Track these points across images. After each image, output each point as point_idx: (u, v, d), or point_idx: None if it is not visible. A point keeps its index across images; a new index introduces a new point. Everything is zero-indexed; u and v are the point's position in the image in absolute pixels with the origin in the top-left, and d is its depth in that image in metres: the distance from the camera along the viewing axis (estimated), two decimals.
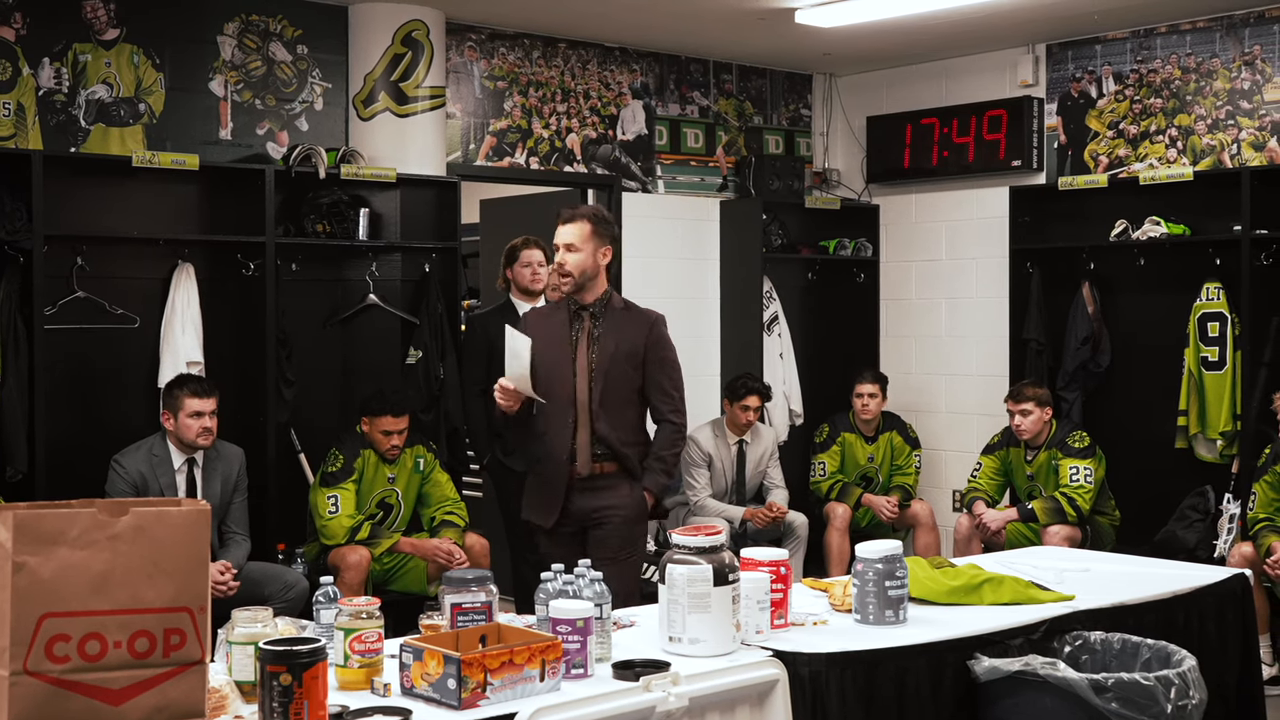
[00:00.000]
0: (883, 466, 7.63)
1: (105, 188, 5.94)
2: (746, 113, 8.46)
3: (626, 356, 4.68)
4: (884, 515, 7.38)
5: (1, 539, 2.22)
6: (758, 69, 8.50)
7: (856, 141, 8.63)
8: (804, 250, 8.43)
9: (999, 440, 7.05)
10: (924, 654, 3.40)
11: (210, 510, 2.38)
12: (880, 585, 3.56)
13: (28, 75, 5.91)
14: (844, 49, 7.94)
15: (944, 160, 8.12)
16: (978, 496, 6.94)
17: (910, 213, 8.44)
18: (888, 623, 3.56)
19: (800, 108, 8.75)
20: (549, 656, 2.92)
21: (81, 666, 2.23)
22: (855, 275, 8.56)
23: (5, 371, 5.48)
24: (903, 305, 8.48)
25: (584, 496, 4.71)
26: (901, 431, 7.71)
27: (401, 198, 6.83)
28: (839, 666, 3.24)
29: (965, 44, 7.81)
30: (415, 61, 6.72)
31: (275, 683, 2.57)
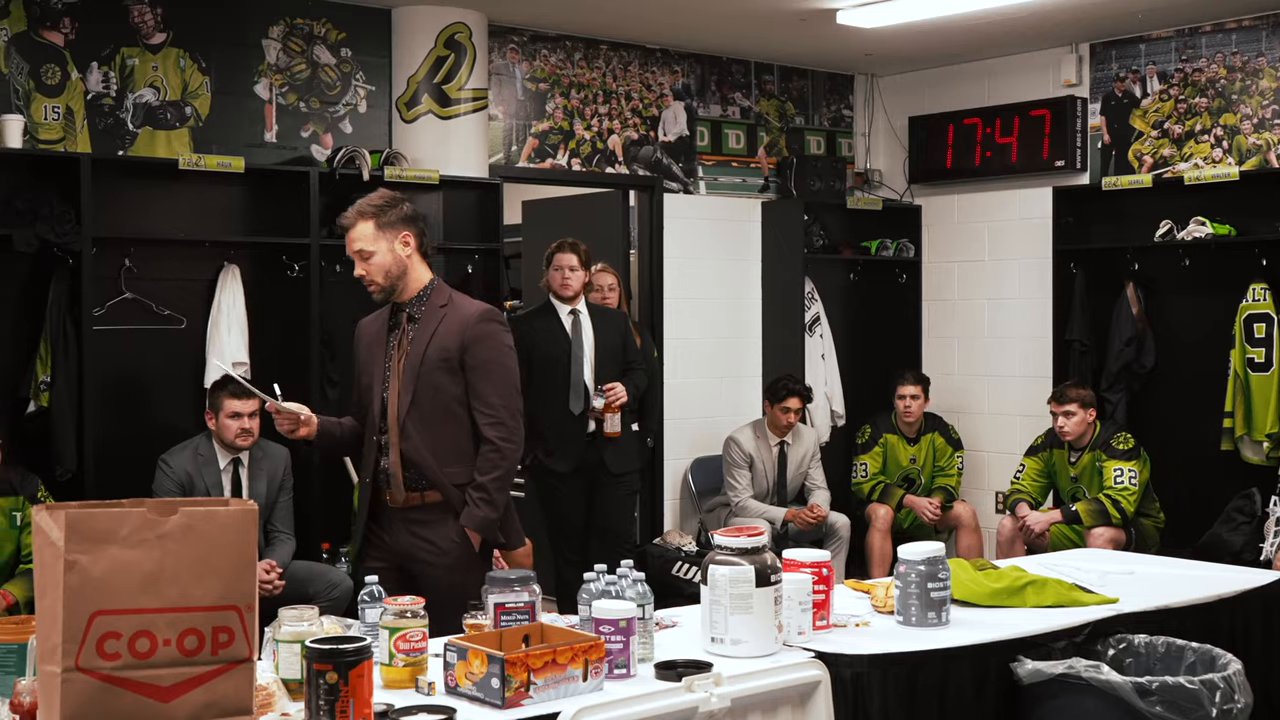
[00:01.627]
0: (925, 468, 7.61)
1: (152, 190, 6.01)
2: (788, 113, 8.45)
3: (440, 360, 3.97)
4: (926, 517, 7.36)
5: (54, 538, 2.25)
6: (799, 69, 8.49)
7: (898, 142, 8.60)
8: (845, 251, 8.41)
9: (1042, 442, 7.01)
10: (967, 656, 3.39)
11: (257, 510, 2.40)
12: (923, 587, 3.55)
13: (76, 79, 5.97)
14: (886, 49, 7.92)
15: (987, 160, 8.09)
16: (1021, 498, 6.91)
17: (952, 213, 8.41)
18: (930, 624, 3.55)
19: (842, 108, 8.73)
20: (592, 656, 2.93)
21: (132, 664, 2.26)
22: (897, 276, 8.54)
23: (55, 372, 5.54)
24: (945, 306, 8.45)
25: (402, 532, 4.03)
26: (944, 433, 7.69)
27: (444, 199, 6.86)
28: (881, 668, 3.24)
29: (1008, 44, 7.77)
30: (458, 64, 6.76)
31: (321, 681, 2.60)
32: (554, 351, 6.21)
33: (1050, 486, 7.06)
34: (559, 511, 6.28)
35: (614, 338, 6.33)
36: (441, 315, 4.03)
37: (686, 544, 7.22)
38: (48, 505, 2.30)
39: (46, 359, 5.57)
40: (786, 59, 8.34)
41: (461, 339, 3.98)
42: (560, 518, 6.29)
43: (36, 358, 5.59)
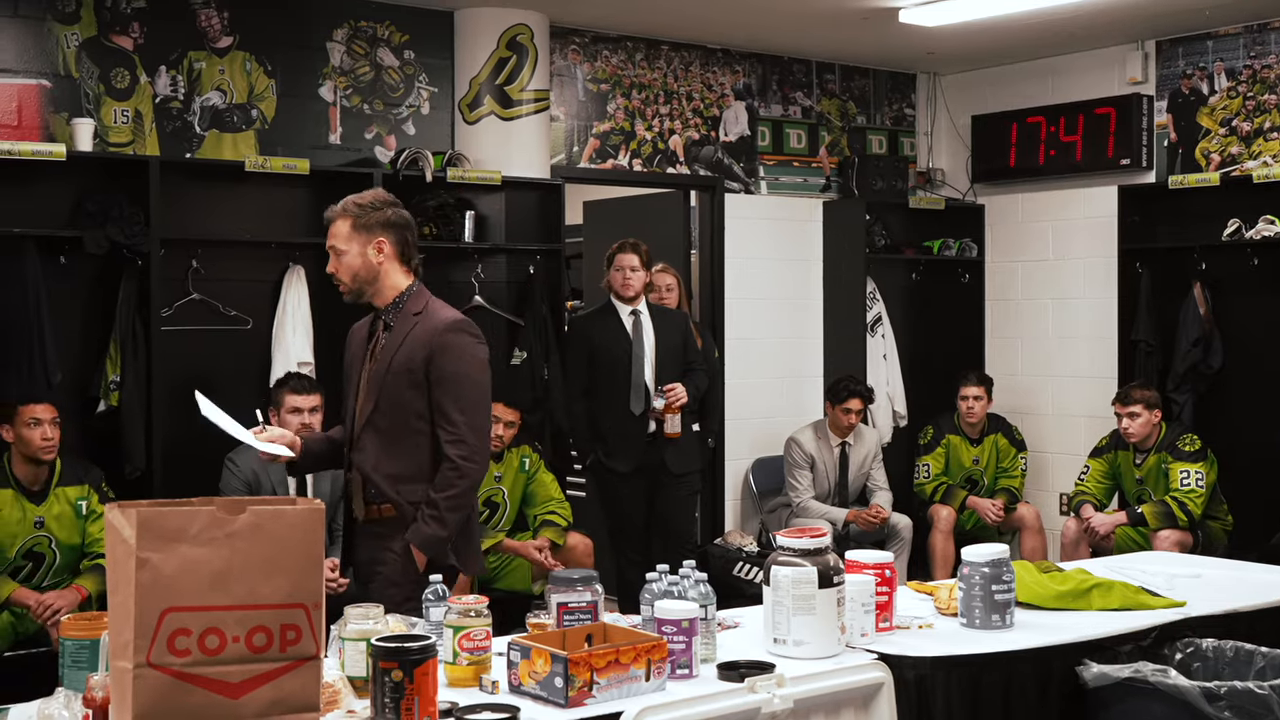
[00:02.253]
0: (988, 469, 7.55)
1: (219, 192, 6.08)
2: (849, 113, 8.42)
3: (405, 371, 3.81)
4: (989, 518, 7.31)
5: (126, 535, 2.28)
6: (860, 69, 8.45)
7: (961, 141, 8.55)
8: (908, 251, 8.37)
9: (1107, 443, 6.94)
10: (1031, 659, 3.37)
11: (324, 509, 2.43)
12: (987, 589, 3.53)
13: (145, 83, 6.06)
14: (948, 48, 7.87)
15: (1051, 159, 8.02)
16: (1085, 500, 6.85)
17: (1016, 212, 8.35)
18: (994, 627, 3.53)
19: (904, 107, 8.69)
20: (654, 656, 2.94)
21: (201, 660, 2.28)
22: (960, 276, 8.49)
23: (124, 371, 5.63)
24: (1008, 306, 8.39)
25: (364, 545, 3.96)
26: (1007, 434, 7.63)
27: (506, 200, 6.90)
28: (945, 670, 3.23)
29: (1072, 41, 7.70)
30: (520, 65, 6.79)
31: (387, 678, 2.62)
32: (615, 352, 6.23)
33: (1115, 488, 6.99)
34: (620, 511, 6.29)
35: (675, 338, 6.33)
36: (413, 324, 3.86)
37: (747, 545, 7.21)
38: (120, 503, 2.33)
39: (116, 359, 5.65)
40: (848, 58, 8.31)
41: (428, 349, 3.80)
42: (621, 518, 6.30)
43: (106, 357, 5.68)
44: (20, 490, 5.18)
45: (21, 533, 5.16)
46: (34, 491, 5.22)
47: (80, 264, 5.70)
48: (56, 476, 5.28)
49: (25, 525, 5.17)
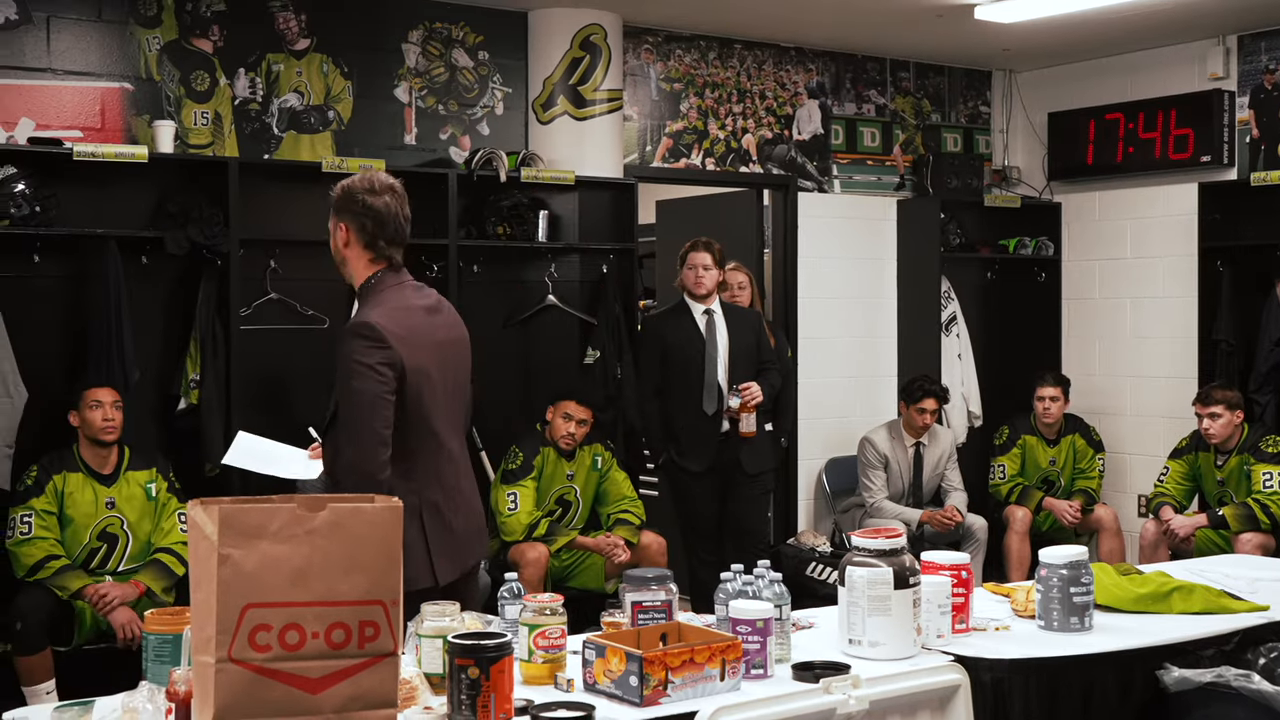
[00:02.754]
0: (1065, 470, 7.47)
1: (296, 193, 6.13)
2: (924, 110, 8.36)
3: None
4: (1066, 520, 7.23)
5: (208, 532, 2.31)
6: (935, 66, 8.39)
7: (1037, 138, 8.46)
8: (983, 249, 8.30)
9: (1187, 444, 6.84)
10: (1110, 662, 3.33)
11: (402, 507, 2.45)
12: (1065, 591, 3.49)
13: (224, 85, 6.14)
14: (1024, 44, 7.79)
15: (1129, 156, 7.92)
16: (1165, 502, 6.75)
17: (1093, 210, 8.25)
18: (1073, 630, 3.49)
19: (979, 104, 8.62)
20: (729, 656, 2.94)
21: (282, 655, 2.31)
22: (1036, 274, 8.41)
23: (204, 370, 5.71)
24: (1086, 305, 8.30)
25: None
26: (1084, 434, 7.54)
27: (579, 200, 6.92)
28: (1023, 673, 3.20)
29: (1151, 37, 7.60)
30: (593, 65, 6.80)
31: (464, 675, 2.64)
32: (688, 351, 6.22)
33: (1195, 490, 6.89)
34: (693, 511, 6.29)
35: (748, 337, 6.32)
36: None
37: (821, 545, 7.18)
38: (202, 500, 2.36)
39: (196, 357, 5.74)
40: (923, 55, 8.25)
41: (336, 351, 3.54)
42: (694, 517, 6.30)
43: (186, 356, 5.76)
44: (90, 474, 5.31)
45: (95, 513, 5.29)
46: (104, 475, 5.35)
47: (161, 264, 5.78)
48: (125, 461, 5.42)
49: (98, 506, 5.32)
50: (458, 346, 3.74)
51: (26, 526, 5.16)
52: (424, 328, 3.61)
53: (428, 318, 3.65)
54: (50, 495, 5.23)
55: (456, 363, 3.72)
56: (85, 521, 5.29)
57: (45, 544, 5.15)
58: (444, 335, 3.69)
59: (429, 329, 3.63)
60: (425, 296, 3.73)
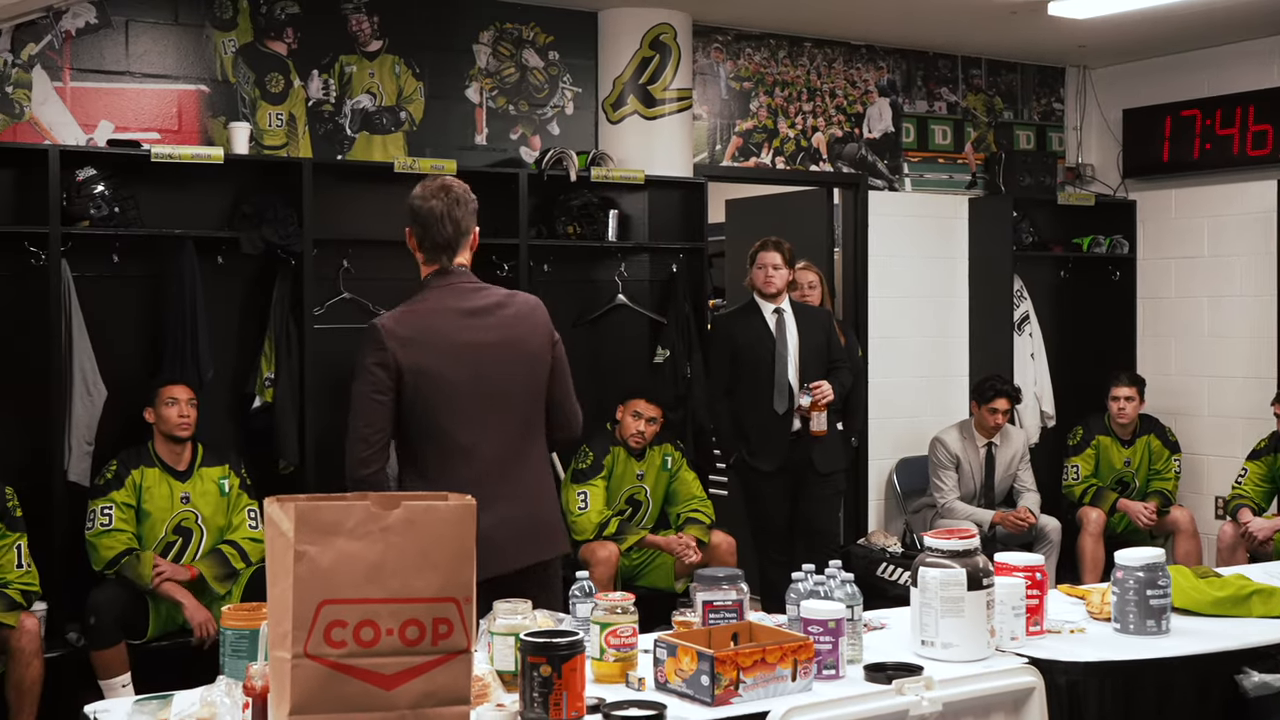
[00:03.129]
0: (1140, 471, 7.38)
1: (369, 193, 6.19)
2: (996, 108, 8.29)
3: None
4: (1141, 521, 7.14)
5: (284, 529, 2.34)
6: (1008, 63, 8.32)
7: (1112, 135, 8.36)
8: (1056, 248, 8.22)
9: (1266, 445, 6.74)
10: (1188, 666, 3.29)
11: (475, 505, 2.46)
12: (1141, 594, 3.45)
13: (298, 87, 6.20)
14: (1099, 40, 7.70)
15: (1206, 153, 7.81)
16: (1243, 503, 6.65)
17: (1169, 208, 8.14)
18: (1149, 633, 3.45)
19: (1052, 101, 8.53)
20: (801, 656, 2.93)
21: (357, 651, 2.33)
22: (1110, 273, 8.31)
23: (278, 369, 5.77)
24: (1161, 304, 8.19)
25: None
26: (1160, 435, 7.45)
27: (649, 199, 6.92)
28: (1098, 676, 3.17)
29: (1229, 32, 7.48)
30: (663, 64, 6.81)
31: (536, 673, 2.65)
32: (758, 350, 6.21)
33: (1275, 492, 6.78)
34: (763, 511, 6.27)
35: (818, 336, 6.29)
36: None
37: (891, 545, 7.14)
38: (278, 498, 2.39)
39: (270, 356, 5.80)
40: (995, 52, 8.18)
41: None
42: (765, 517, 6.28)
43: (261, 355, 5.83)
44: (165, 469, 5.39)
45: (171, 508, 5.38)
46: (179, 471, 5.43)
47: (236, 264, 5.86)
48: (199, 457, 5.50)
49: (173, 501, 5.41)
50: (502, 349, 3.66)
51: (107, 519, 5.25)
52: (447, 329, 3.62)
53: (461, 319, 3.65)
54: (129, 489, 5.32)
55: (497, 364, 3.65)
56: (161, 516, 5.37)
57: (124, 536, 5.24)
58: (481, 337, 3.64)
59: (455, 330, 3.62)
60: (475, 298, 3.71)
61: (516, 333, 3.70)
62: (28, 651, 4.89)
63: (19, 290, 5.49)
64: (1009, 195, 7.99)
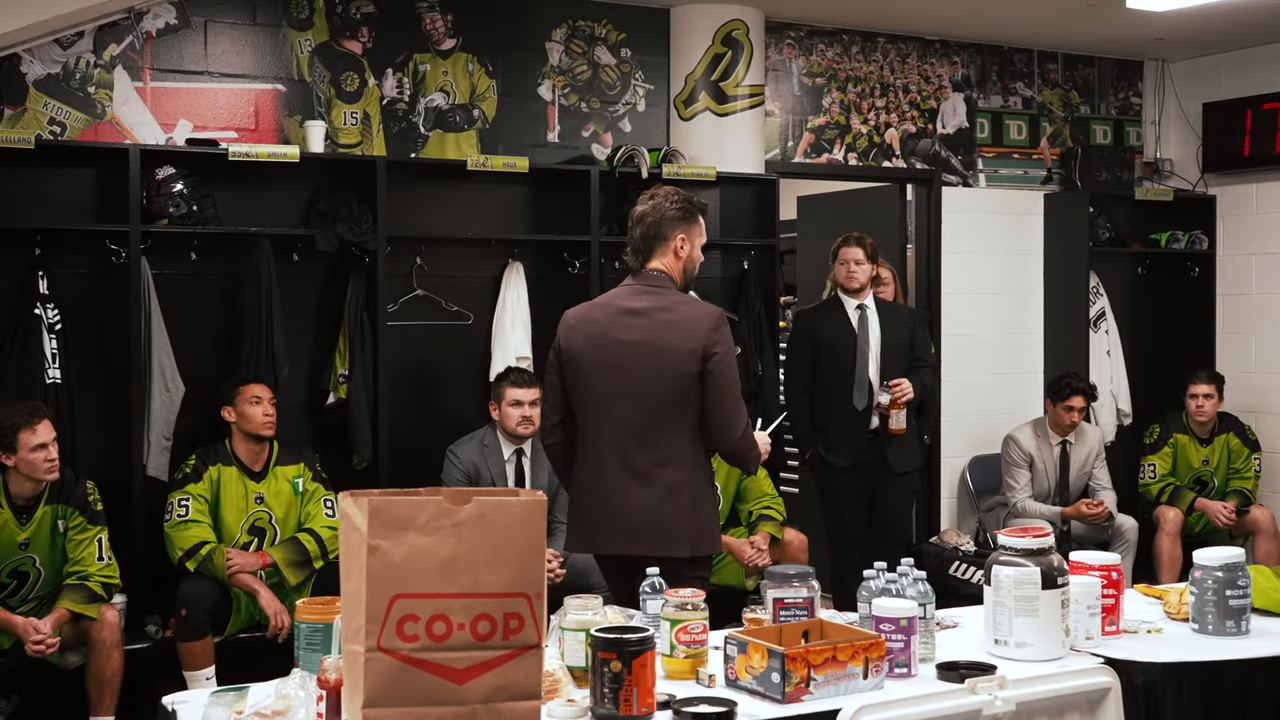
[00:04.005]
0: (1218, 470, 7.27)
1: (442, 190, 6.23)
2: (1072, 102, 8.19)
3: None
4: (1220, 521, 7.03)
5: (358, 523, 2.36)
6: (1084, 57, 8.22)
7: (1191, 129, 8.23)
8: (1133, 244, 8.11)
9: None
10: (1270, 668, 3.24)
11: (546, 500, 2.47)
12: (1220, 594, 3.40)
13: (373, 86, 6.25)
14: (1178, 33, 7.58)
15: None
16: None
17: (1250, 203, 8.01)
18: (1228, 633, 3.40)
19: (1130, 95, 8.41)
20: (872, 654, 2.92)
21: (429, 645, 2.35)
22: (1189, 269, 8.18)
23: (352, 365, 5.83)
24: (1242, 301, 8.05)
25: None
26: (1239, 433, 7.33)
27: (721, 195, 6.91)
28: (1176, 677, 3.13)
29: None
30: (735, 61, 6.79)
31: (606, 669, 2.66)
32: (839, 346, 6.18)
33: None
34: (838, 507, 6.25)
35: (902, 335, 6.25)
36: None
37: (964, 544, 7.07)
38: (352, 493, 2.41)
39: (345, 353, 5.86)
40: (1071, 46, 8.08)
41: None
42: (838, 514, 6.25)
43: (335, 352, 5.89)
44: (242, 468, 5.45)
45: (245, 507, 5.43)
46: (255, 471, 5.47)
47: (312, 262, 5.92)
48: (274, 456, 5.54)
49: (248, 501, 5.45)
50: (642, 348, 3.95)
51: (184, 510, 5.32)
52: (604, 322, 4.03)
53: (617, 315, 4.02)
54: (207, 483, 5.39)
55: (635, 361, 3.95)
56: (236, 516, 5.43)
57: (201, 528, 5.31)
58: (625, 335, 3.98)
59: (610, 325, 4.02)
60: (641, 300, 4.03)
61: (662, 337, 3.96)
62: (108, 643, 4.97)
63: (100, 288, 5.59)
64: (1085, 190, 7.89)
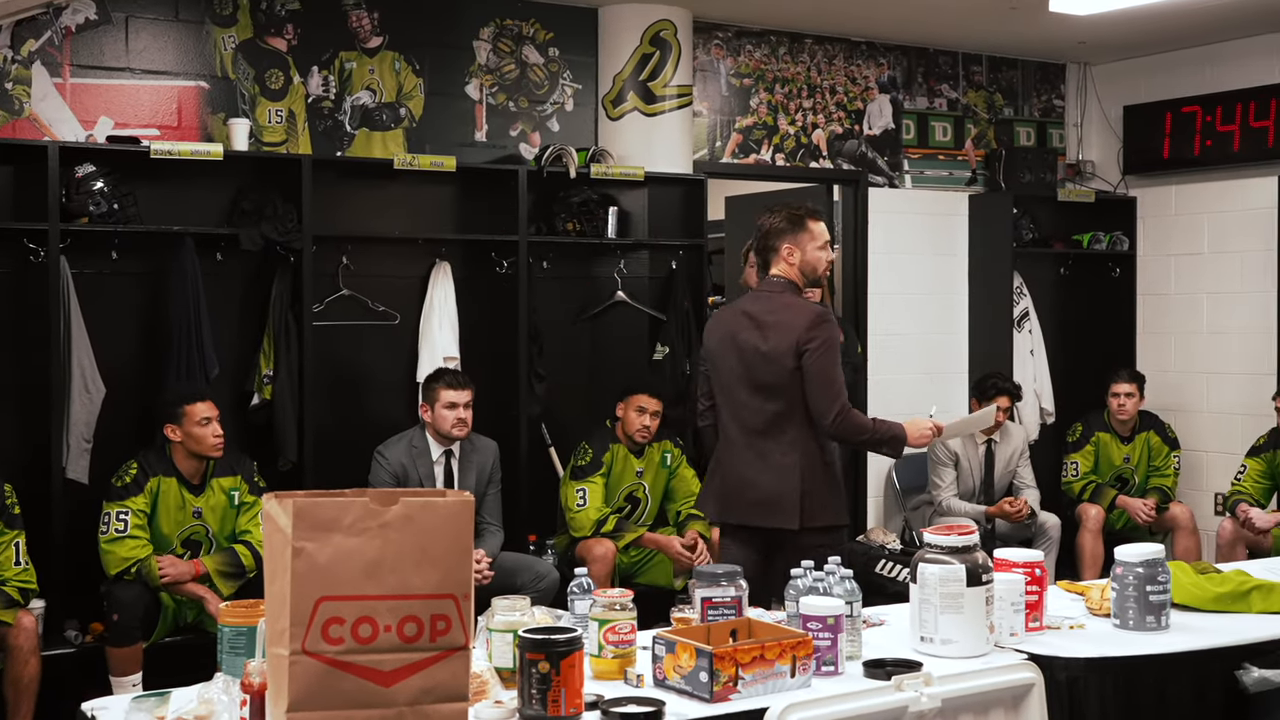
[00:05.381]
0: (1139, 468, 7.38)
1: (368, 190, 6.19)
2: (996, 104, 8.28)
3: None
4: (1140, 518, 7.13)
5: (282, 525, 2.33)
6: (1008, 59, 8.31)
7: (1112, 132, 8.35)
8: (1056, 244, 8.21)
9: (1266, 441, 6.73)
10: (1188, 662, 3.29)
11: (474, 501, 2.46)
12: (1141, 590, 3.45)
13: (298, 84, 6.19)
14: (1100, 36, 7.69)
15: (1206, 150, 7.80)
16: (1242, 499, 6.65)
17: (1169, 205, 8.13)
18: (1149, 629, 3.45)
19: (1053, 98, 8.52)
20: (800, 653, 2.93)
21: (355, 648, 2.33)
22: (1110, 270, 8.30)
23: (277, 366, 5.76)
24: (1161, 300, 8.18)
25: None
26: (1160, 432, 7.44)
27: (649, 196, 6.92)
28: (1098, 672, 3.17)
29: (1230, 28, 7.47)
30: (663, 61, 6.80)
31: (534, 670, 2.65)
32: None
33: (1274, 489, 6.78)
34: None
35: None
36: None
37: (890, 542, 7.12)
38: (276, 494, 2.38)
39: (269, 354, 5.79)
40: (995, 49, 8.17)
41: None
42: None
43: (260, 352, 5.82)
44: (183, 482, 5.34)
45: (182, 520, 5.33)
46: (194, 484, 5.37)
47: (236, 261, 5.85)
48: (211, 468, 5.41)
49: (185, 514, 5.34)
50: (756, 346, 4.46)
51: (122, 524, 5.17)
52: (730, 323, 4.60)
53: (740, 318, 4.56)
54: (148, 496, 5.24)
55: (753, 358, 4.46)
56: (172, 529, 5.30)
57: (137, 545, 5.17)
58: (745, 336, 4.50)
59: (734, 326, 4.56)
60: (763, 303, 4.54)
61: (769, 336, 4.44)
62: (25, 649, 4.87)
63: (18, 287, 5.49)
64: (1009, 192, 7.98)
